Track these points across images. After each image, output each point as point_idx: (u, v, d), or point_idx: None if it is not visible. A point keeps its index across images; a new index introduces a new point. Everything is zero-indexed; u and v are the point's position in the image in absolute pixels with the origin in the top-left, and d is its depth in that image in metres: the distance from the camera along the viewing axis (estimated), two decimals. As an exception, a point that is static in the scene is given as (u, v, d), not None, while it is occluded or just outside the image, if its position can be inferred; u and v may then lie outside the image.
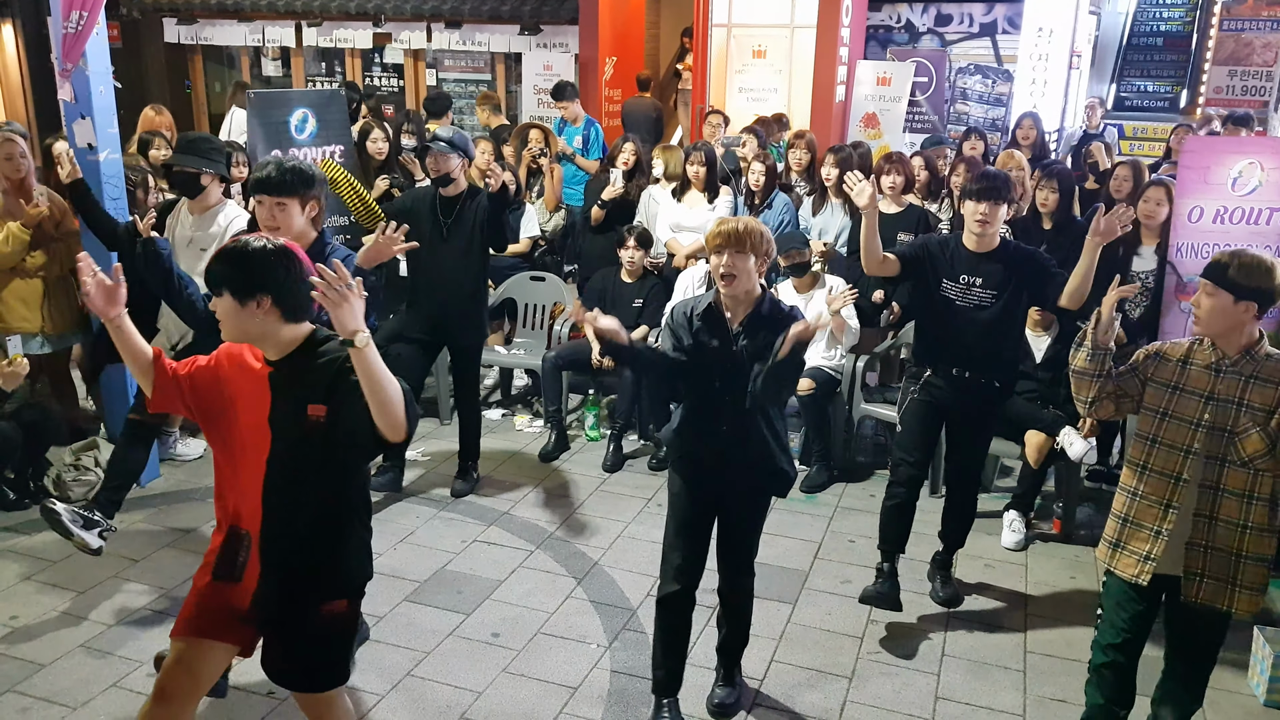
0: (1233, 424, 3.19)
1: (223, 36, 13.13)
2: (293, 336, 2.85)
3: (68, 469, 5.49)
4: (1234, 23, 12.44)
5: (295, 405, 2.82)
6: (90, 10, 5.00)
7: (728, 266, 3.50)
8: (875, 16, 11.52)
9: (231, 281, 2.76)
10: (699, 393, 3.67)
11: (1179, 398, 3.28)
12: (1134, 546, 3.36)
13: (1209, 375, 3.24)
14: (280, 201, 3.86)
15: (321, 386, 2.81)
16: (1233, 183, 5.27)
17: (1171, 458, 3.28)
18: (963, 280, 4.42)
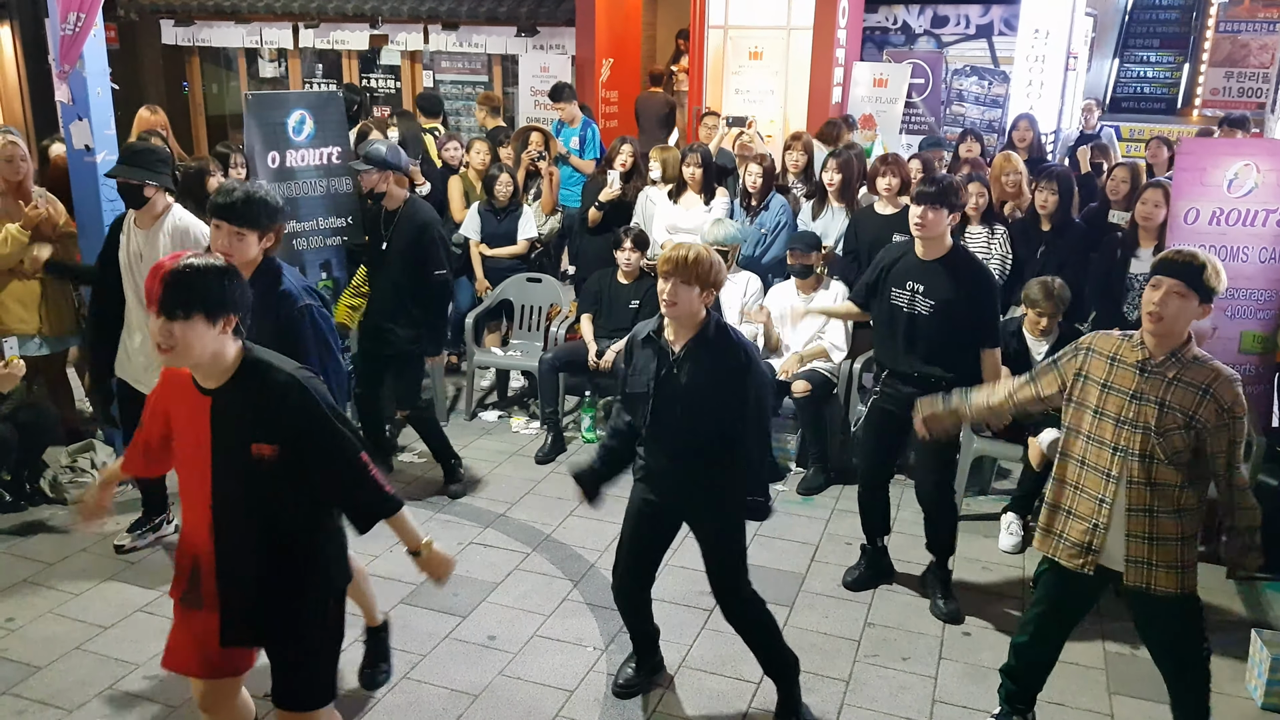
0: (1156, 424, 3.24)
1: (220, 38, 13.13)
2: (233, 359, 2.74)
3: (64, 471, 5.48)
4: (1230, 24, 12.47)
5: (238, 440, 2.72)
6: (87, 12, 5.00)
7: (670, 294, 3.49)
8: (871, 18, 11.55)
9: (205, 301, 2.61)
10: (642, 419, 3.68)
11: (1109, 395, 3.33)
12: (1074, 537, 3.44)
13: (1135, 374, 3.28)
14: (239, 232, 3.72)
15: (270, 424, 2.71)
16: (1229, 184, 5.28)
17: (1102, 454, 3.35)
18: (909, 287, 4.47)
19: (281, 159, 6.29)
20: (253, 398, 2.72)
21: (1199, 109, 12.65)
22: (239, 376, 2.74)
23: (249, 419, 2.72)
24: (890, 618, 4.63)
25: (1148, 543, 3.32)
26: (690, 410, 3.56)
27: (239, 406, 2.73)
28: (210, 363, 2.70)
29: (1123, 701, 4.05)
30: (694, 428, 3.58)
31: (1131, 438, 3.27)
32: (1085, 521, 3.41)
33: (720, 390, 3.55)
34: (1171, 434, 3.22)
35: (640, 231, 6.47)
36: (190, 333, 2.61)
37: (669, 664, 4.21)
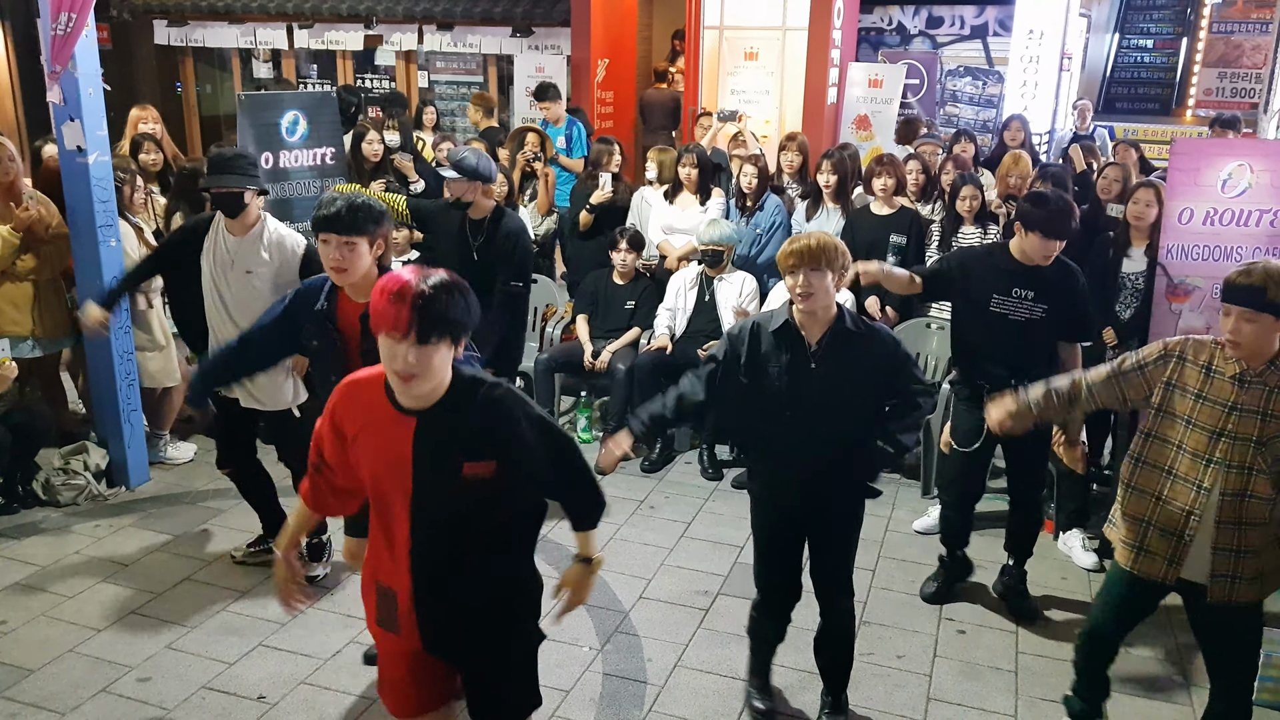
0: (1259, 434, 3.18)
1: (213, 38, 13.10)
2: (441, 383, 2.57)
3: (57, 473, 5.47)
4: (1223, 25, 12.49)
5: (447, 462, 2.58)
6: (79, 12, 4.98)
7: (804, 286, 3.33)
8: (867, 19, 11.56)
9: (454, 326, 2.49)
10: (770, 419, 3.52)
11: (1202, 406, 3.25)
12: (1158, 549, 3.36)
13: (1233, 386, 3.21)
14: (349, 241, 3.53)
15: (484, 439, 2.59)
16: (1222, 184, 5.28)
17: (1195, 465, 3.27)
18: (1015, 294, 4.36)
19: (275, 160, 6.28)
20: (466, 417, 2.58)
21: (1192, 109, 12.67)
22: (450, 395, 2.58)
23: (462, 439, 2.58)
24: (885, 616, 4.63)
25: (1235, 556, 3.27)
26: (831, 409, 3.43)
27: (450, 427, 2.57)
28: (436, 385, 2.55)
29: (1118, 699, 4.05)
30: (834, 426, 3.44)
31: (1230, 449, 3.21)
32: (1171, 534, 3.34)
33: (866, 386, 3.44)
34: (1275, 443, 3.17)
35: (636, 232, 6.47)
36: (436, 357, 2.48)
37: (665, 664, 4.21)
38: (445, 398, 2.57)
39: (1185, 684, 4.18)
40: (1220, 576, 3.28)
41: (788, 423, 3.47)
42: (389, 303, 2.44)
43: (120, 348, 5.50)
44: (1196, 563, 3.31)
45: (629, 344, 6.32)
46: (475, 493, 2.59)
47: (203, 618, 4.45)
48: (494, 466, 2.58)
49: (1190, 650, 4.38)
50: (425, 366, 2.46)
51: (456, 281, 2.53)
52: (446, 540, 2.65)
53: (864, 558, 5.06)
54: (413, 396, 2.54)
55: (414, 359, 2.44)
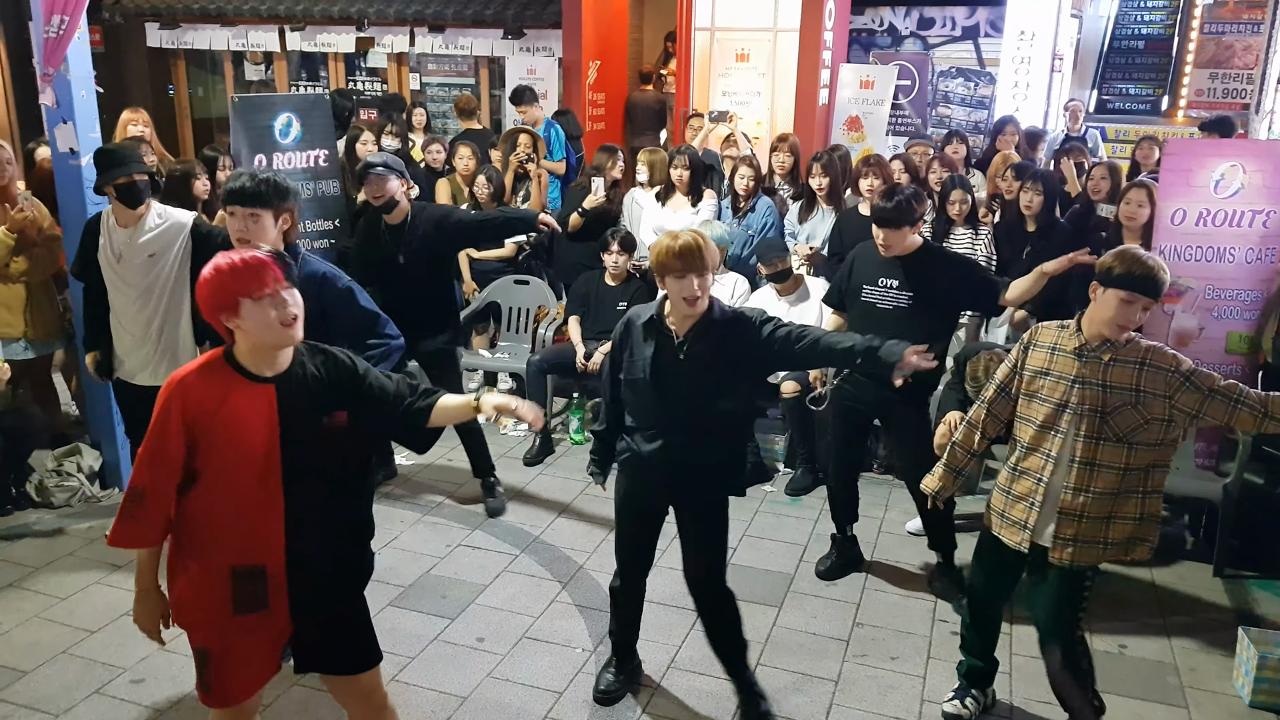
0: (1102, 405, 3.36)
1: (205, 41, 13.08)
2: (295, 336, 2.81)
3: (50, 475, 5.46)
4: (1215, 25, 12.52)
5: (312, 419, 2.78)
6: (71, 15, 4.98)
7: (697, 289, 3.41)
8: (858, 20, 11.56)
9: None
10: (644, 405, 3.63)
11: (1047, 381, 3.47)
12: (1015, 516, 3.59)
13: (1074, 360, 3.42)
14: (254, 213, 3.77)
15: (334, 393, 2.84)
16: (1215, 185, 5.30)
17: (1042, 436, 3.48)
18: (881, 284, 4.62)
19: (268, 162, 6.27)
20: (315, 374, 2.83)
21: (1184, 110, 12.70)
22: (296, 357, 2.82)
23: (316, 393, 2.80)
24: (878, 618, 4.64)
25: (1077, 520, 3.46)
26: (699, 398, 3.52)
27: (304, 384, 2.80)
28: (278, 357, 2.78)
29: (1110, 699, 4.05)
30: (700, 415, 3.54)
31: (1077, 420, 3.40)
32: (1024, 500, 3.56)
33: (735, 371, 3.53)
34: (1121, 411, 3.35)
35: (627, 234, 6.47)
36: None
37: (658, 665, 4.21)
38: (294, 361, 2.81)
39: (1179, 685, 4.18)
40: (1061, 540, 3.47)
41: (655, 413, 3.60)
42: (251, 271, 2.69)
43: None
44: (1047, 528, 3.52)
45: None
46: (337, 441, 2.82)
47: (196, 620, 4.44)
48: (345, 415, 2.83)
49: (1185, 652, 4.40)
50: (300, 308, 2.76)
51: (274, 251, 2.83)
52: (316, 496, 2.81)
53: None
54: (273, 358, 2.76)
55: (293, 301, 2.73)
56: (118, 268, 4.63)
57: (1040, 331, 3.57)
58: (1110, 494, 3.42)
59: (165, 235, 4.60)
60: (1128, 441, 3.37)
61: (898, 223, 4.48)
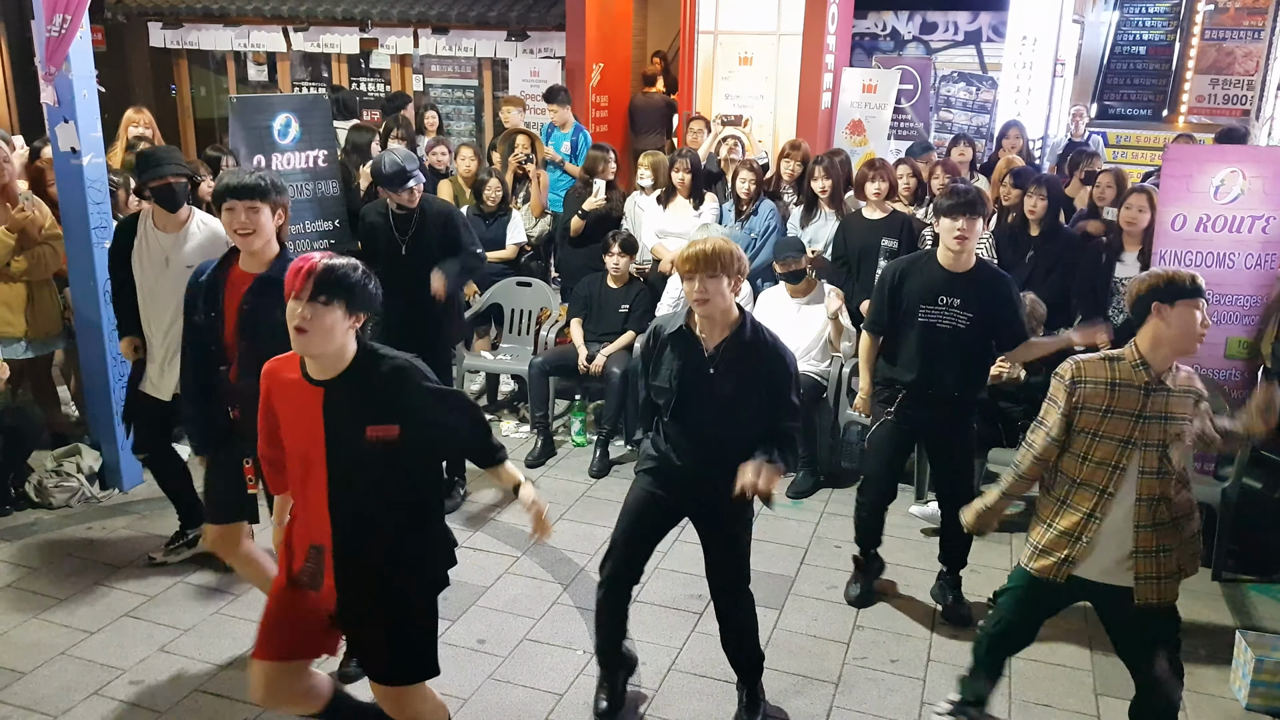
0: (1163, 438, 3.31)
1: (208, 41, 13.08)
2: (346, 353, 2.92)
3: (49, 475, 5.46)
4: (1216, 32, 12.53)
5: (353, 426, 2.89)
6: (73, 14, 4.98)
7: (700, 291, 3.42)
8: (861, 24, 11.57)
9: (348, 294, 2.85)
10: (670, 414, 3.60)
11: (1109, 419, 3.36)
12: (1051, 548, 3.49)
13: (1140, 395, 3.33)
14: (253, 205, 3.79)
15: (385, 406, 2.90)
16: (1215, 191, 5.30)
17: (1098, 472, 3.39)
18: (941, 302, 4.40)
19: (267, 162, 6.28)
20: (369, 384, 2.92)
21: (1184, 116, 12.72)
22: (354, 366, 2.92)
23: (365, 404, 2.90)
24: (879, 620, 4.64)
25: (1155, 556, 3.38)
26: (724, 412, 3.49)
27: (354, 394, 2.90)
28: (335, 354, 2.88)
29: (1109, 703, 4.07)
30: (726, 429, 3.51)
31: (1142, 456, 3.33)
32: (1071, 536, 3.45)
33: (759, 395, 3.49)
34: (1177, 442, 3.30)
35: (629, 236, 6.47)
36: (329, 318, 2.82)
37: (659, 668, 4.21)
38: (349, 368, 2.91)
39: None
40: (1144, 579, 3.39)
41: (680, 422, 3.58)
42: (294, 272, 2.84)
43: (113, 350, 5.48)
44: (1098, 565, 3.43)
45: (623, 347, 6.32)
46: (381, 453, 2.90)
47: (196, 621, 4.44)
48: (397, 430, 2.90)
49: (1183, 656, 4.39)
50: (317, 324, 2.80)
51: (359, 264, 2.93)
52: (358, 499, 2.95)
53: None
54: (317, 364, 2.89)
55: (308, 315, 2.79)
56: (156, 274, 4.60)
57: (1087, 368, 3.40)
58: (1175, 522, 3.38)
59: (206, 249, 4.53)
60: (1180, 468, 3.34)
61: (974, 211, 4.28)
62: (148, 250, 4.61)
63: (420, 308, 5.31)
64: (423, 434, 2.95)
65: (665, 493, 3.70)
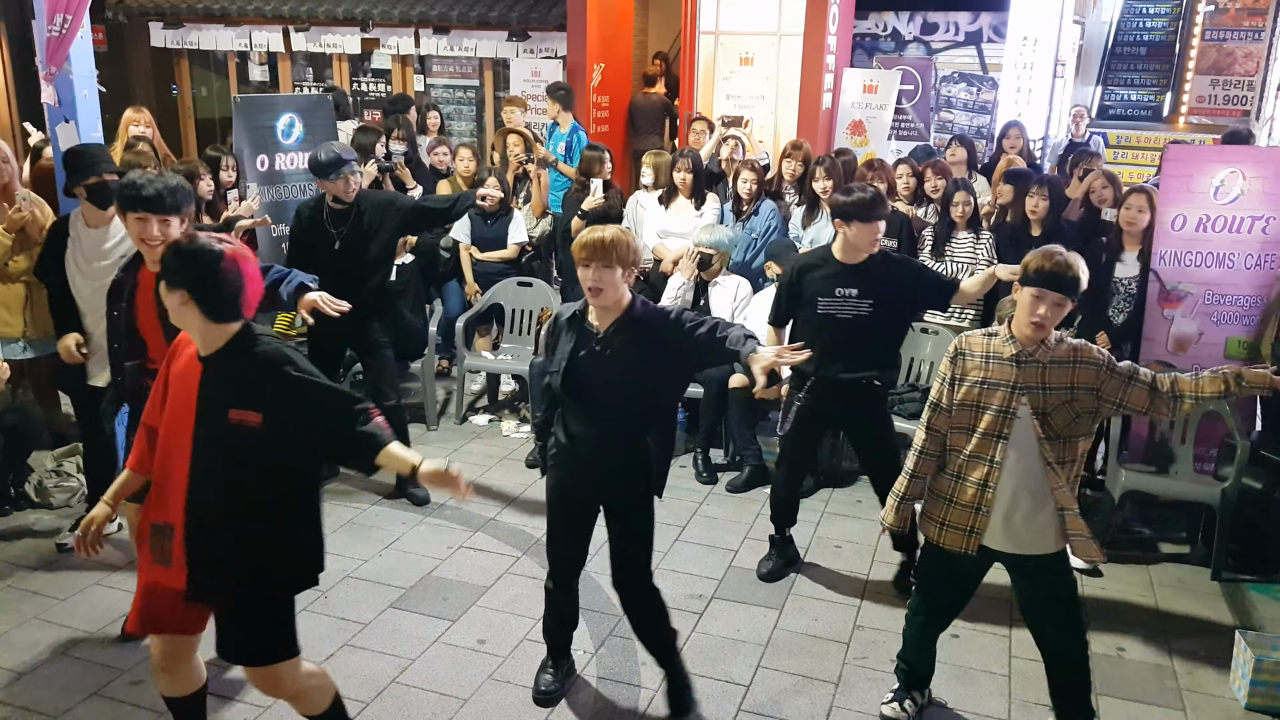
0: (1043, 406, 3.43)
1: (209, 41, 13.09)
2: (220, 334, 2.93)
3: (49, 475, 5.46)
4: (1216, 32, 12.53)
5: (218, 407, 2.92)
6: (74, 14, 4.99)
7: (594, 280, 3.48)
8: (862, 25, 11.57)
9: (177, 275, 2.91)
10: (565, 400, 3.67)
11: (986, 390, 3.50)
12: (958, 522, 3.61)
13: (1013, 366, 3.46)
14: (165, 219, 3.88)
15: (251, 391, 2.91)
16: (1215, 191, 5.31)
17: (986, 443, 3.52)
18: (839, 294, 4.57)
19: (270, 162, 6.28)
20: (239, 366, 2.93)
21: (1185, 116, 12.72)
22: (229, 347, 2.94)
23: (234, 386, 2.92)
24: (879, 620, 4.64)
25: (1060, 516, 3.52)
26: (618, 391, 3.56)
27: (226, 374, 2.93)
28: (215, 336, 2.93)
29: (1109, 702, 4.07)
30: (621, 409, 3.59)
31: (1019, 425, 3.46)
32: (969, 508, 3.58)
33: (653, 369, 3.55)
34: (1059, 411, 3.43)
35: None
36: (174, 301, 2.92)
37: (658, 668, 4.20)
38: (225, 348, 2.94)
39: (1177, 689, 4.18)
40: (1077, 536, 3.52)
41: (575, 407, 3.64)
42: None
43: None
44: (1001, 532, 3.55)
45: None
46: (243, 439, 2.89)
47: (195, 620, 4.43)
48: (259, 419, 2.88)
49: (1181, 656, 4.40)
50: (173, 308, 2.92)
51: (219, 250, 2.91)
52: (217, 481, 2.94)
53: (857, 563, 5.11)
54: (201, 341, 2.94)
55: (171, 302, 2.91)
56: (85, 269, 4.66)
57: (969, 341, 3.60)
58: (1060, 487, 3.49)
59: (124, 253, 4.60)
60: (1064, 437, 3.45)
61: (867, 216, 4.44)
62: (81, 249, 4.69)
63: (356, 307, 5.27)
64: (285, 428, 2.91)
65: (575, 487, 3.76)
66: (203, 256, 2.88)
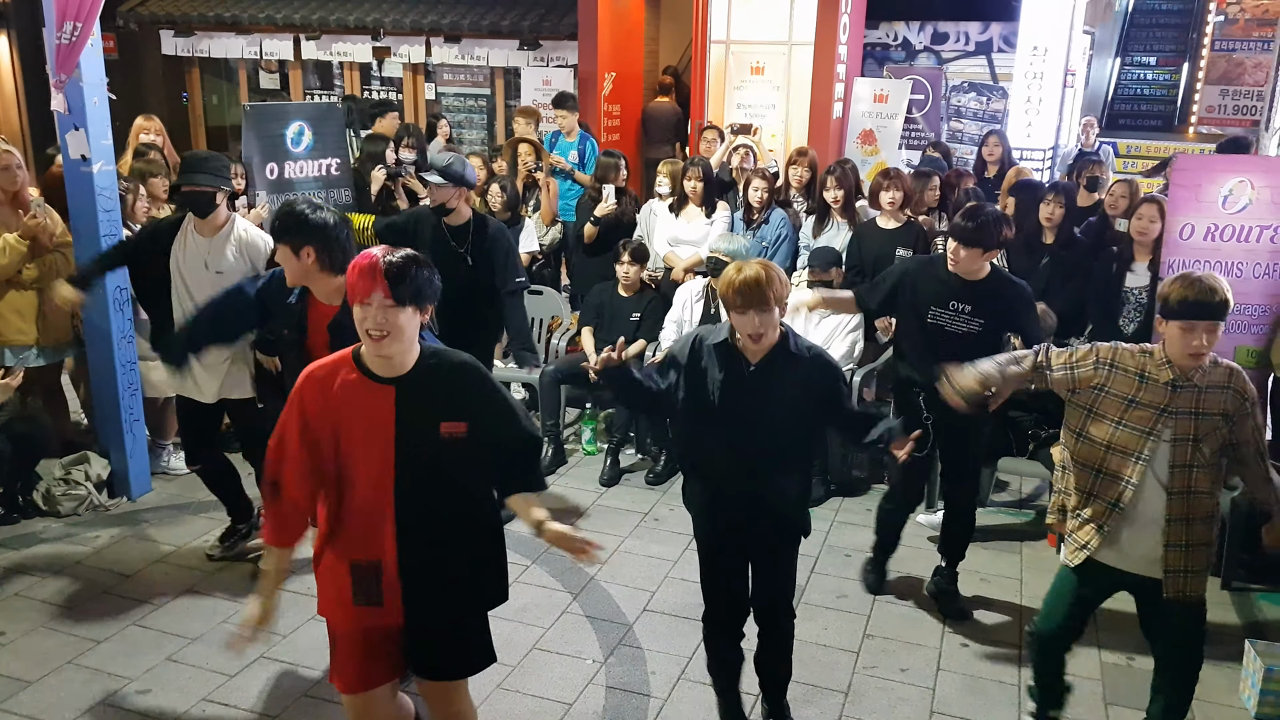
0: (1194, 432, 3.33)
1: (220, 49, 13.15)
2: (413, 351, 2.85)
3: (58, 483, 5.46)
4: (1225, 43, 12.51)
5: (426, 423, 2.81)
6: (84, 21, 4.99)
7: (758, 326, 3.30)
8: (872, 34, 11.56)
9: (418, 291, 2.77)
10: (706, 435, 3.52)
11: (1133, 409, 3.38)
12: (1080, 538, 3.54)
13: (1167, 391, 3.34)
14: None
15: (455, 401, 2.84)
16: (1223, 200, 5.28)
17: (1124, 463, 3.41)
18: (953, 307, 4.46)
19: (280, 170, 6.29)
20: (438, 381, 2.84)
21: (1195, 126, 12.69)
22: (421, 363, 2.85)
23: (438, 401, 2.83)
24: (889, 629, 4.61)
25: (1185, 550, 3.40)
26: (769, 427, 3.42)
27: (426, 391, 2.83)
28: (406, 351, 2.81)
29: (1119, 712, 4.04)
30: (771, 445, 3.45)
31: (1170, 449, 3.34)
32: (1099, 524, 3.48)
33: (804, 407, 3.44)
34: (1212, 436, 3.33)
35: (639, 245, 6.46)
36: (403, 317, 2.74)
37: (668, 677, 4.19)
38: (418, 364, 2.83)
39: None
40: (1172, 572, 3.40)
41: (723, 439, 3.47)
42: (360, 275, 2.74)
43: (122, 357, 5.49)
44: (1134, 556, 3.45)
45: (634, 356, 6.30)
46: (452, 452, 2.83)
47: (203, 629, 4.43)
48: (465, 427, 2.83)
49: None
50: (394, 325, 2.72)
51: (419, 256, 2.82)
52: (429, 503, 2.85)
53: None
54: (387, 362, 2.79)
55: (384, 319, 2.71)
56: (195, 275, 4.69)
57: (1121, 354, 3.44)
58: (1208, 518, 3.40)
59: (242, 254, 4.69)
60: (1213, 464, 3.36)
61: (979, 244, 4.32)
62: (185, 250, 4.72)
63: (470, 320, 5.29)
64: (486, 433, 2.87)
65: (727, 531, 3.60)
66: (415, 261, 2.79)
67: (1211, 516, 3.41)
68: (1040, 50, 10.09)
